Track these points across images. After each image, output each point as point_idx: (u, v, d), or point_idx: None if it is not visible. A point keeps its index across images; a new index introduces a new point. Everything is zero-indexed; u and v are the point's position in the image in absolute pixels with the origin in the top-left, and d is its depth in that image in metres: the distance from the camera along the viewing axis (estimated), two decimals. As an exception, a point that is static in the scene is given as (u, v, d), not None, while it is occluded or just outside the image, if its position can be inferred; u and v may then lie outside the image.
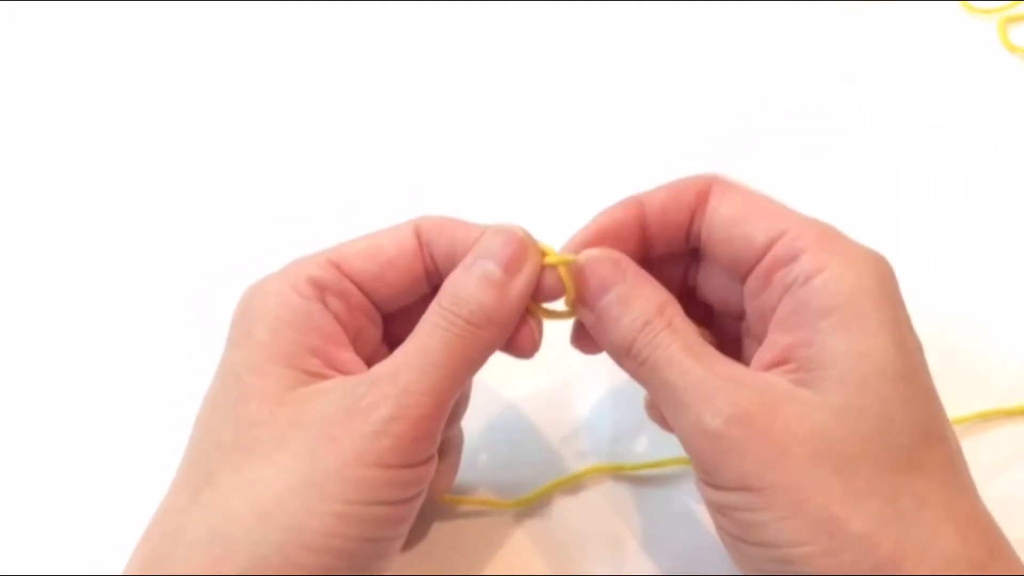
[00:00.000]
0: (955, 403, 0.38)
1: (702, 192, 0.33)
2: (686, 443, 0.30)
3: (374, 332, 0.34)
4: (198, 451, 0.30)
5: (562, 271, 0.32)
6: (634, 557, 0.37)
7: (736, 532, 0.29)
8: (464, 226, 0.33)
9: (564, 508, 0.38)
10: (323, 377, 0.30)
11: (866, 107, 0.50)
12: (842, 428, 0.28)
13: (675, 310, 0.31)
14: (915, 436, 0.28)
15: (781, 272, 0.30)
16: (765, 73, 0.51)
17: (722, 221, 0.32)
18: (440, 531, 0.38)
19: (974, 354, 0.42)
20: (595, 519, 0.38)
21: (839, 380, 0.28)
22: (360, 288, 0.33)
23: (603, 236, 0.33)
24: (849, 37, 0.52)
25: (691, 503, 0.38)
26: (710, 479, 0.29)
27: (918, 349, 0.30)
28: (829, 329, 0.29)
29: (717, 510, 0.30)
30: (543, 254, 0.32)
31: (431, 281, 0.34)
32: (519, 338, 0.32)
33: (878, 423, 0.28)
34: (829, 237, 0.31)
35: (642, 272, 0.32)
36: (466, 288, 0.31)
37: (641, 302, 0.31)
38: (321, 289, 0.32)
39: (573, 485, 0.39)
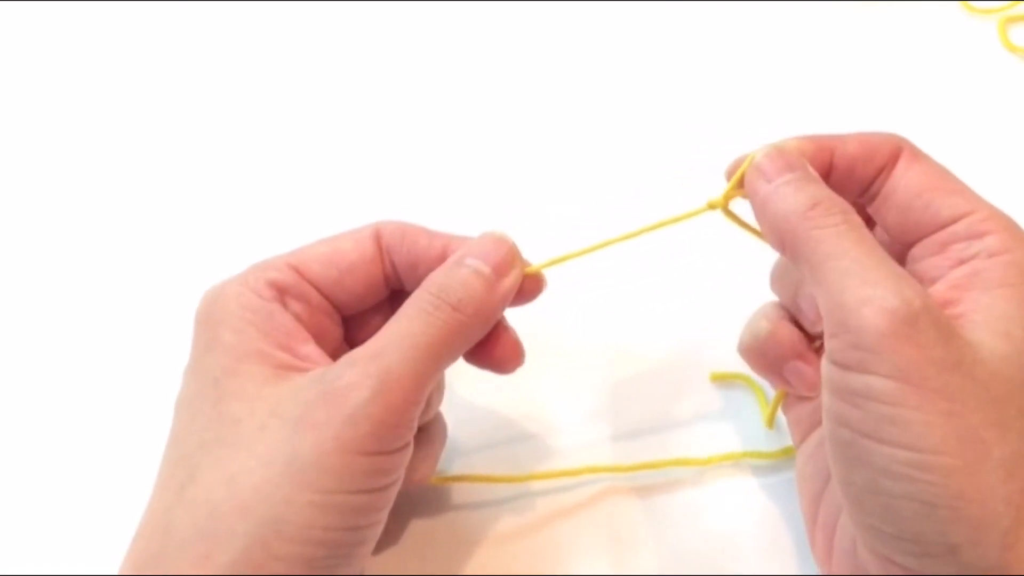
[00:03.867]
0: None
1: (893, 154, 0.33)
2: (852, 316, 0.28)
3: (336, 332, 0.34)
4: (180, 451, 0.30)
5: (746, 162, 0.32)
6: (633, 557, 0.37)
7: (868, 426, 0.28)
8: (427, 234, 0.34)
9: (561, 509, 0.38)
10: (295, 369, 0.31)
11: (866, 107, 0.50)
12: (1002, 370, 0.28)
13: None
14: None
15: (961, 244, 0.31)
16: (765, 73, 0.51)
17: (907, 188, 0.32)
18: (436, 531, 0.38)
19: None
20: (593, 519, 0.38)
21: (1005, 334, 0.28)
22: (320, 291, 0.33)
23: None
24: (849, 37, 0.52)
25: (690, 503, 0.38)
26: (862, 360, 0.28)
27: None
28: (1004, 296, 0.29)
29: (850, 400, 0.28)
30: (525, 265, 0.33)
31: (389, 286, 0.34)
32: (504, 352, 0.33)
33: None
34: (1015, 226, 0.31)
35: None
36: (456, 278, 0.31)
37: (826, 188, 0.31)
38: (281, 292, 0.32)
39: (571, 486, 0.38)
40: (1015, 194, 0.46)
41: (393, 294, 0.35)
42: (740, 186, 0.33)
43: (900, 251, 0.33)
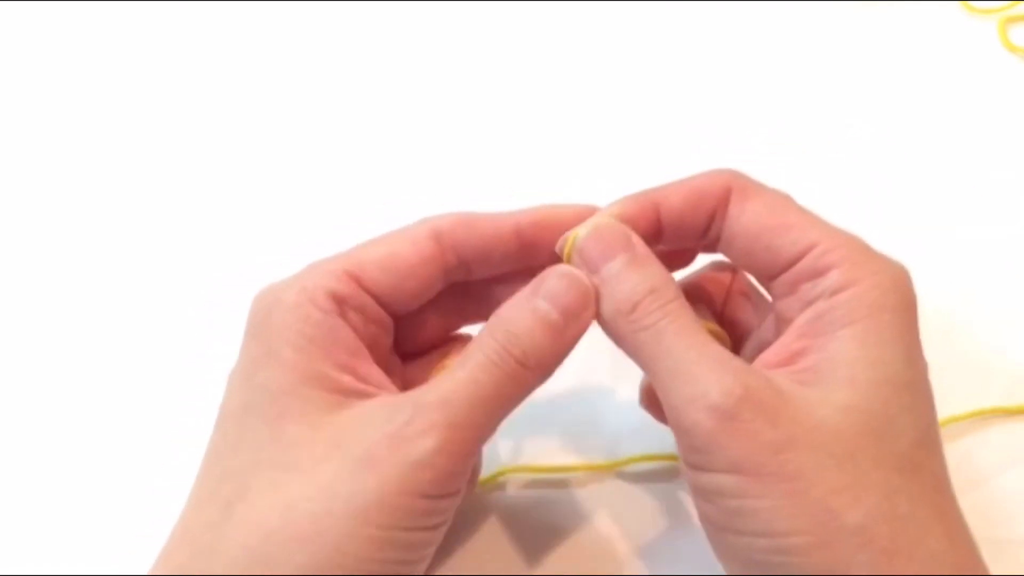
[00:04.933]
0: (954, 402, 0.39)
1: (721, 197, 0.32)
2: (682, 418, 0.28)
3: (385, 341, 0.34)
4: (227, 465, 0.30)
5: (569, 243, 0.32)
6: (632, 556, 0.37)
7: (724, 521, 0.29)
8: (490, 220, 0.33)
9: (559, 506, 0.38)
10: (358, 394, 0.30)
11: (866, 107, 0.50)
12: (846, 424, 0.28)
13: (681, 295, 0.30)
14: (915, 441, 0.28)
15: (807, 284, 0.30)
16: (765, 73, 0.51)
17: (745, 231, 0.32)
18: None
19: (974, 353, 0.42)
20: (591, 517, 0.38)
21: (849, 380, 0.28)
22: (378, 299, 0.32)
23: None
24: (849, 37, 0.52)
25: (691, 501, 0.38)
26: (702, 460, 0.28)
27: (925, 367, 0.30)
28: (846, 337, 0.29)
29: (704, 497, 0.29)
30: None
31: (448, 279, 0.34)
32: None
33: (881, 424, 0.28)
34: (858, 253, 0.30)
35: (652, 254, 0.31)
36: (522, 326, 0.30)
37: (650, 271, 0.30)
38: (340, 303, 0.31)
39: (569, 484, 0.39)
40: (1015, 194, 0.47)
41: (450, 288, 0.34)
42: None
43: (766, 284, 0.33)
